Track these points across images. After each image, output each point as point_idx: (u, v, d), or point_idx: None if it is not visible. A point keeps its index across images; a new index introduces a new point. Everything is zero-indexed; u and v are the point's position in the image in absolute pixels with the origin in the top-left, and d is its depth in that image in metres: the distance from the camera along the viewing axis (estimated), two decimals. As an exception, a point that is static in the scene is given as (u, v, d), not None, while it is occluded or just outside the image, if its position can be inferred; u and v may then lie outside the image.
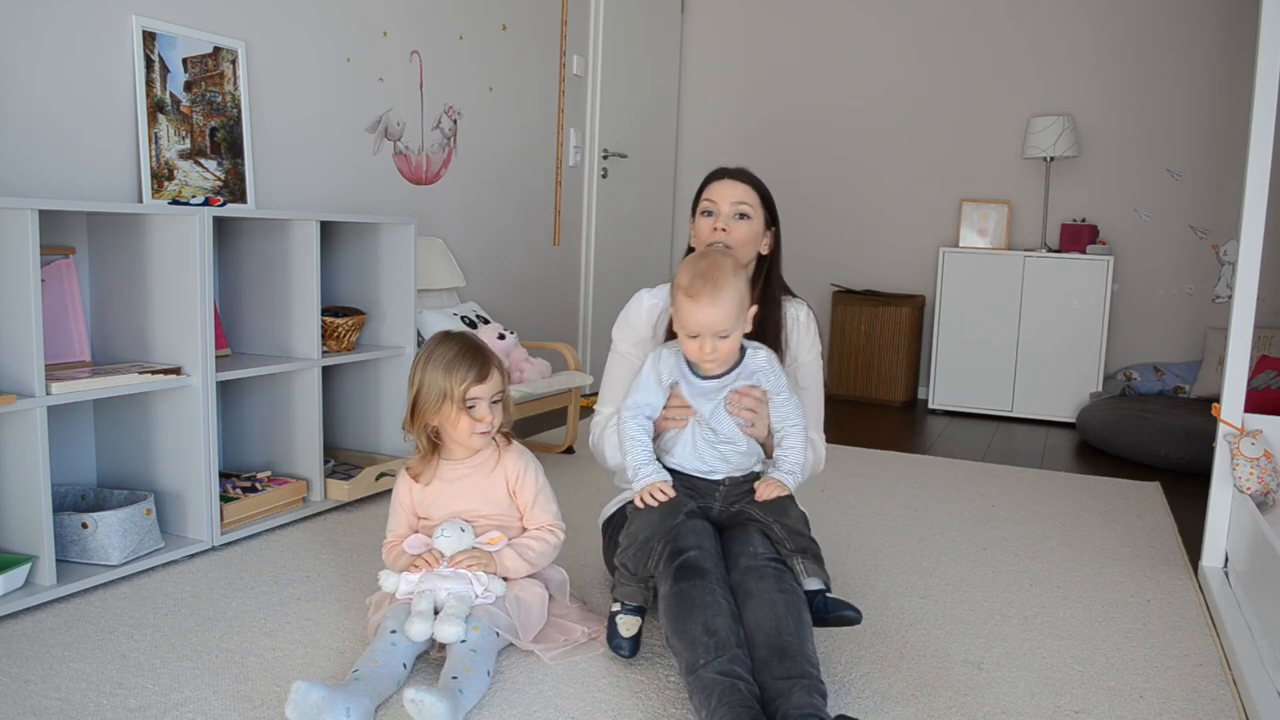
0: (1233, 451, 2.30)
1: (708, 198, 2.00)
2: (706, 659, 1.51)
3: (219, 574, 2.16)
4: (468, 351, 1.82)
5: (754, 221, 1.97)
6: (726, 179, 2.02)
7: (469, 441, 1.86)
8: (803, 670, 1.50)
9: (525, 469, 1.91)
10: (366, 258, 2.95)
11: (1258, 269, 2.25)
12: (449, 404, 1.80)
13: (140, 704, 1.56)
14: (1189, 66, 4.55)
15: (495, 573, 1.82)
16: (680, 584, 1.64)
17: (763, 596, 1.61)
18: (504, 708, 1.59)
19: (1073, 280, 4.48)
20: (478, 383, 1.80)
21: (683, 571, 1.65)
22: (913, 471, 3.40)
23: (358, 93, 3.25)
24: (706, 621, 1.56)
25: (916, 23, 5.00)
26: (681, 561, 1.67)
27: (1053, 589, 2.27)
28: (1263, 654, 1.82)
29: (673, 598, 1.63)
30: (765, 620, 1.57)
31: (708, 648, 1.52)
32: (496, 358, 1.88)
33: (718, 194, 1.99)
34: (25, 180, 2.25)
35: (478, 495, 1.89)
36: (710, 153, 5.47)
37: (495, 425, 1.87)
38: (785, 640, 1.54)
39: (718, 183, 2.02)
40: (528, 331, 4.21)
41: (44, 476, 1.94)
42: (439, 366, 1.81)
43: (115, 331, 2.35)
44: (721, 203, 1.98)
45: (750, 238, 1.97)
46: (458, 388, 1.79)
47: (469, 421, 1.82)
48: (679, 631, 1.58)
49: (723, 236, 1.95)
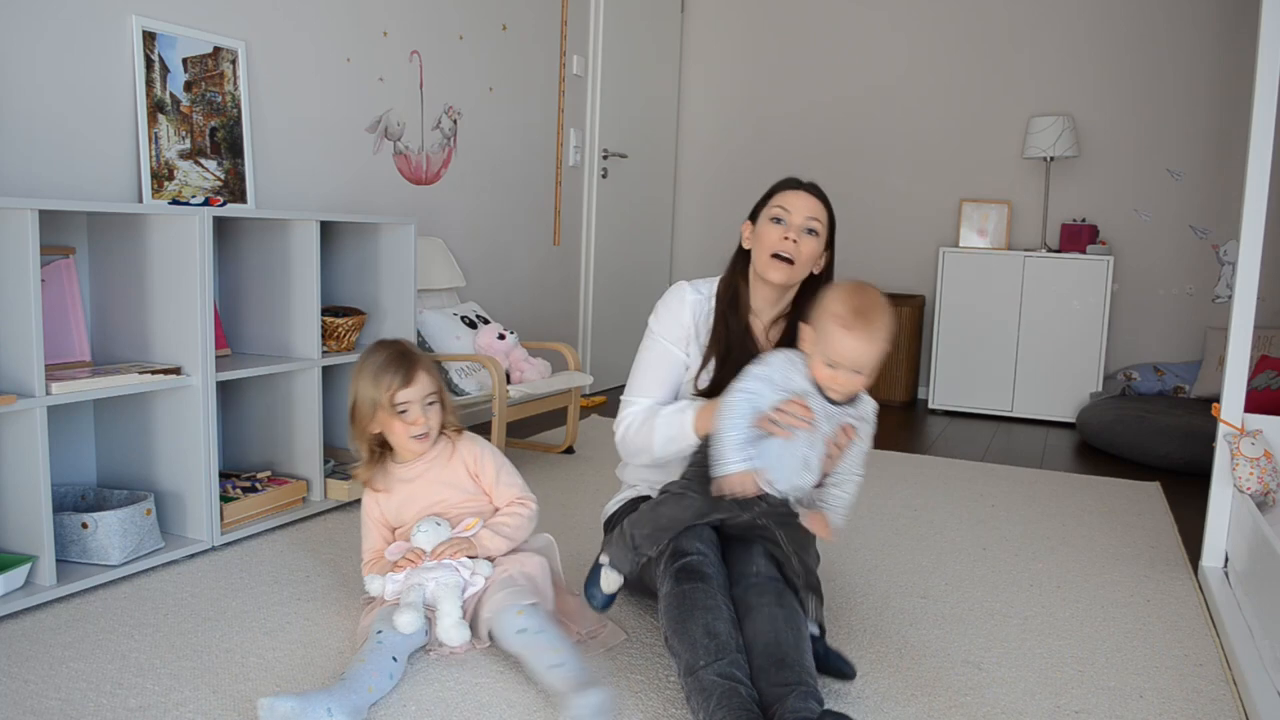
0: (1233, 451, 2.30)
1: (780, 204, 1.92)
2: (706, 661, 1.51)
3: (219, 574, 2.16)
4: (394, 358, 1.85)
5: (820, 239, 1.93)
6: (802, 190, 1.94)
7: (409, 445, 1.89)
8: (800, 679, 1.50)
9: (481, 451, 1.95)
10: (366, 258, 2.95)
11: (1258, 269, 2.25)
12: (382, 411, 1.85)
13: (140, 704, 1.56)
14: (1189, 66, 4.55)
15: (478, 556, 1.84)
16: (682, 585, 1.63)
17: (763, 610, 1.61)
18: (504, 708, 1.59)
19: (1073, 280, 4.48)
20: (404, 387, 1.84)
21: (685, 574, 1.65)
22: (913, 471, 3.40)
23: (358, 93, 3.25)
24: (708, 624, 1.56)
25: (916, 23, 5.00)
26: (683, 564, 1.67)
27: (1053, 589, 2.27)
28: (1263, 654, 1.82)
29: (674, 598, 1.63)
30: (764, 632, 1.57)
31: (708, 650, 1.52)
32: (426, 360, 1.89)
33: (792, 203, 1.92)
34: (25, 180, 2.25)
35: (443, 486, 1.92)
36: (710, 153, 5.47)
37: (433, 426, 1.89)
38: (784, 651, 1.54)
39: (792, 192, 1.94)
40: (528, 331, 4.21)
41: (44, 476, 1.94)
42: (368, 376, 1.85)
43: (115, 331, 2.35)
44: (795, 213, 1.90)
45: (813, 255, 1.92)
46: (384, 394, 1.83)
47: (403, 425, 1.86)
48: (679, 632, 1.58)
49: (790, 248, 1.89)
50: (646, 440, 1.90)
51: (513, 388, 3.04)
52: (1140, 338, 4.72)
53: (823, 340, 1.65)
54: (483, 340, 3.22)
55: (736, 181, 5.41)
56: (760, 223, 1.94)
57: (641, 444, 1.92)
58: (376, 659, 1.63)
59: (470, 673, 1.71)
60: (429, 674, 1.70)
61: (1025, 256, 4.56)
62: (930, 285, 5.03)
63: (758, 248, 1.93)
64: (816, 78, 5.21)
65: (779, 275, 1.89)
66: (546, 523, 2.58)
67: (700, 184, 5.53)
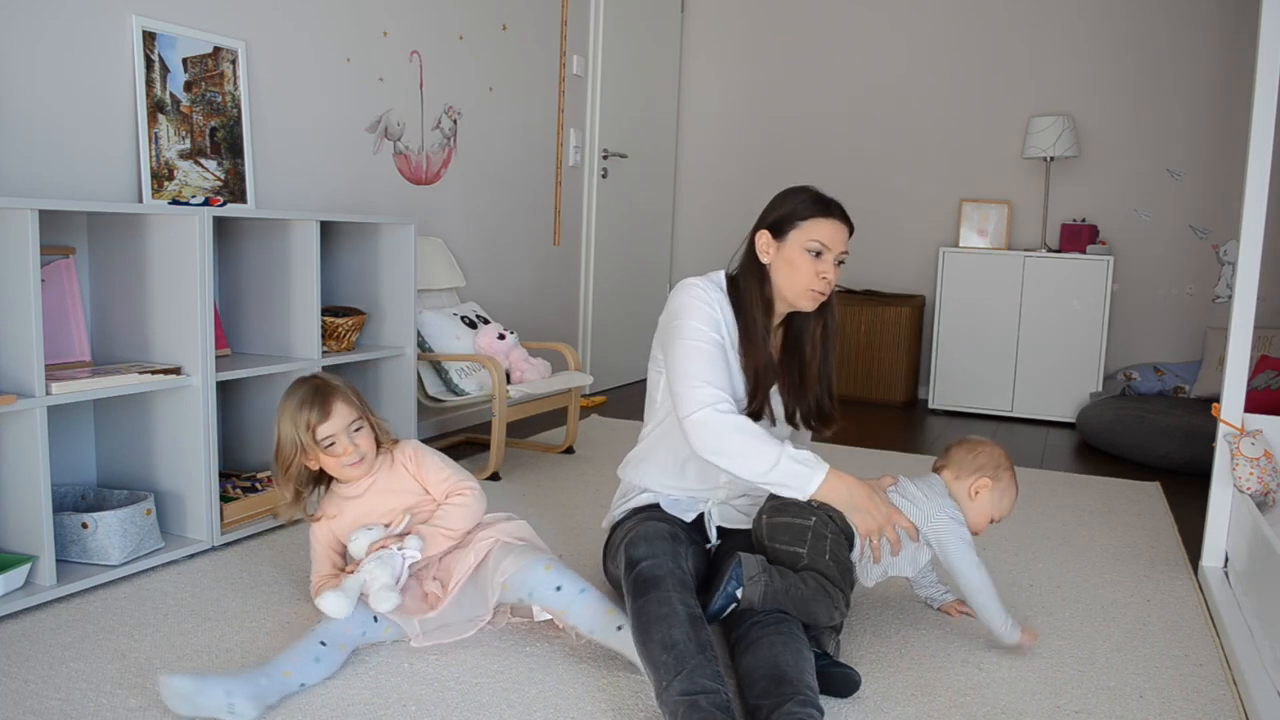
0: (1233, 451, 2.30)
1: (819, 238, 1.86)
2: (667, 679, 1.50)
3: (219, 574, 2.16)
4: (308, 396, 1.84)
5: (844, 266, 1.95)
6: (837, 220, 1.89)
7: (348, 474, 1.88)
8: (798, 690, 1.50)
9: (416, 450, 1.96)
10: (366, 258, 2.95)
11: (1258, 269, 2.25)
12: (308, 449, 1.83)
13: (140, 704, 1.56)
14: (1189, 66, 4.55)
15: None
16: (637, 600, 1.64)
17: (761, 642, 1.61)
18: (504, 708, 1.59)
19: (1073, 280, 4.48)
20: (322, 421, 1.82)
21: (638, 586, 1.66)
22: (913, 471, 3.38)
23: (358, 93, 3.25)
24: (663, 637, 1.56)
25: (916, 23, 5.00)
26: (636, 574, 1.67)
27: (1053, 589, 2.27)
28: (1263, 654, 1.82)
29: (633, 616, 1.63)
30: (764, 660, 1.57)
31: (667, 667, 1.52)
32: (342, 390, 1.87)
33: (830, 237, 1.87)
34: (25, 180, 2.25)
35: (389, 494, 1.91)
36: (710, 153, 5.47)
37: (367, 450, 1.88)
38: (783, 670, 1.54)
39: (829, 222, 1.88)
40: (528, 331, 4.21)
41: (44, 476, 1.94)
42: (287, 417, 1.84)
43: (115, 331, 2.35)
44: (834, 247, 1.87)
45: (837, 280, 1.94)
46: (305, 434, 1.82)
47: (334, 460, 1.85)
48: (642, 654, 1.58)
49: (826, 285, 1.88)
50: (740, 451, 1.75)
51: (513, 388, 3.04)
52: (1140, 338, 4.72)
53: (998, 499, 1.94)
54: (483, 340, 3.22)
55: (737, 181, 5.41)
56: (792, 249, 1.87)
57: (733, 450, 1.76)
58: (301, 644, 1.65)
59: (470, 672, 1.71)
60: (429, 674, 1.70)
61: (1025, 256, 4.56)
62: (930, 285, 5.03)
63: (791, 276, 1.88)
64: (817, 78, 5.21)
65: (814, 305, 1.92)
66: (546, 522, 2.58)
67: (700, 184, 5.53)
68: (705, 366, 1.81)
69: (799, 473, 1.74)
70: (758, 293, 1.91)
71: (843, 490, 1.77)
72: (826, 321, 1.99)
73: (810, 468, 1.75)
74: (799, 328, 2.00)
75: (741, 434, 1.75)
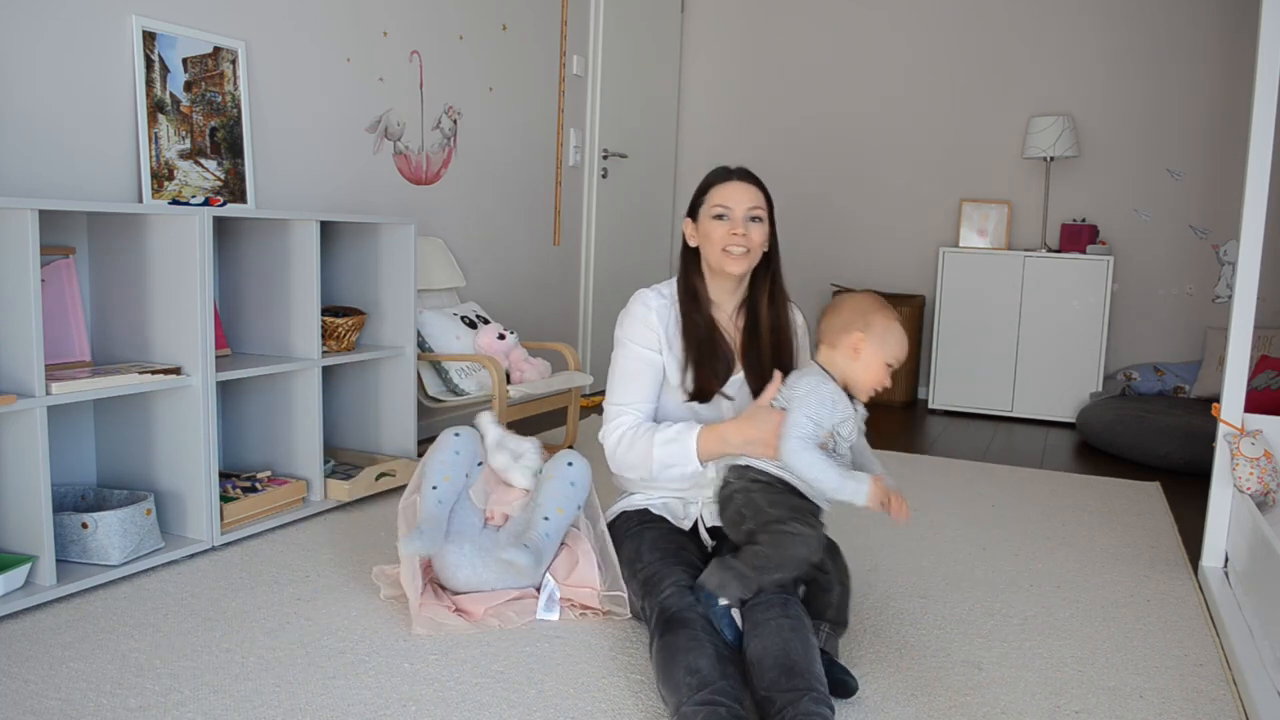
0: (1233, 451, 2.30)
1: (720, 202, 1.94)
2: (689, 696, 1.50)
3: (219, 574, 2.16)
4: None
5: (765, 224, 1.96)
6: (735, 180, 1.96)
7: None
8: (810, 685, 1.50)
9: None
10: (366, 258, 2.95)
11: (1258, 269, 2.25)
12: None
13: (140, 704, 1.56)
14: (1189, 66, 4.55)
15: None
16: (665, 637, 1.63)
17: (769, 624, 1.61)
18: (504, 708, 1.59)
19: (1073, 280, 4.48)
20: None
21: (668, 625, 1.65)
22: (913, 471, 3.40)
23: (358, 93, 3.25)
24: (689, 663, 1.55)
25: (916, 22, 5.00)
26: (668, 618, 1.67)
27: (1053, 589, 2.27)
28: (1263, 654, 1.82)
29: (659, 650, 1.63)
30: (773, 645, 1.57)
31: (690, 686, 1.51)
32: None
33: (730, 198, 1.94)
34: (25, 180, 2.25)
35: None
36: (710, 153, 5.46)
37: None
38: (793, 660, 1.54)
39: (726, 185, 1.96)
40: (528, 331, 4.21)
41: (44, 476, 1.94)
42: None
43: (115, 331, 2.35)
44: (736, 207, 1.93)
45: (764, 240, 1.96)
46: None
47: None
48: (665, 680, 1.57)
49: (741, 241, 1.92)
50: (642, 459, 1.89)
51: (513, 388, 3.04)
52: (1140, 338, 4.72)
53: (880, 345, 1.79)
54: (483, 340, 3.22)
55: (736, 181, 5.40)
56: (703, 221, 1.97)
57: (635, 461, 1.91)
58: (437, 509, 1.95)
59: (470, 672, 1.71)
60: (429, 674, 1.70)
61: (1025, 256, 4.56)
62: (930, 285, 5.03)
63: (707, 245, 1.96)
64: (816, 78, 5.21)
65: (738, 266, 1.94)
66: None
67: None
68: (623, 388, 1.96)
69: (676, 450, 1.85)
70: (690, 276, 2.01)
71: (718, 440, 1.83)
72: (773, 285, 2.02)
73: (682, 438, 1.85)
74: (754, 300, 2.03)
75: (634, 444, 1.90)
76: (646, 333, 1.97)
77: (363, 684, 1.66)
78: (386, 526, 2.53)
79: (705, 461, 1.86)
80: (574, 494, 1.99)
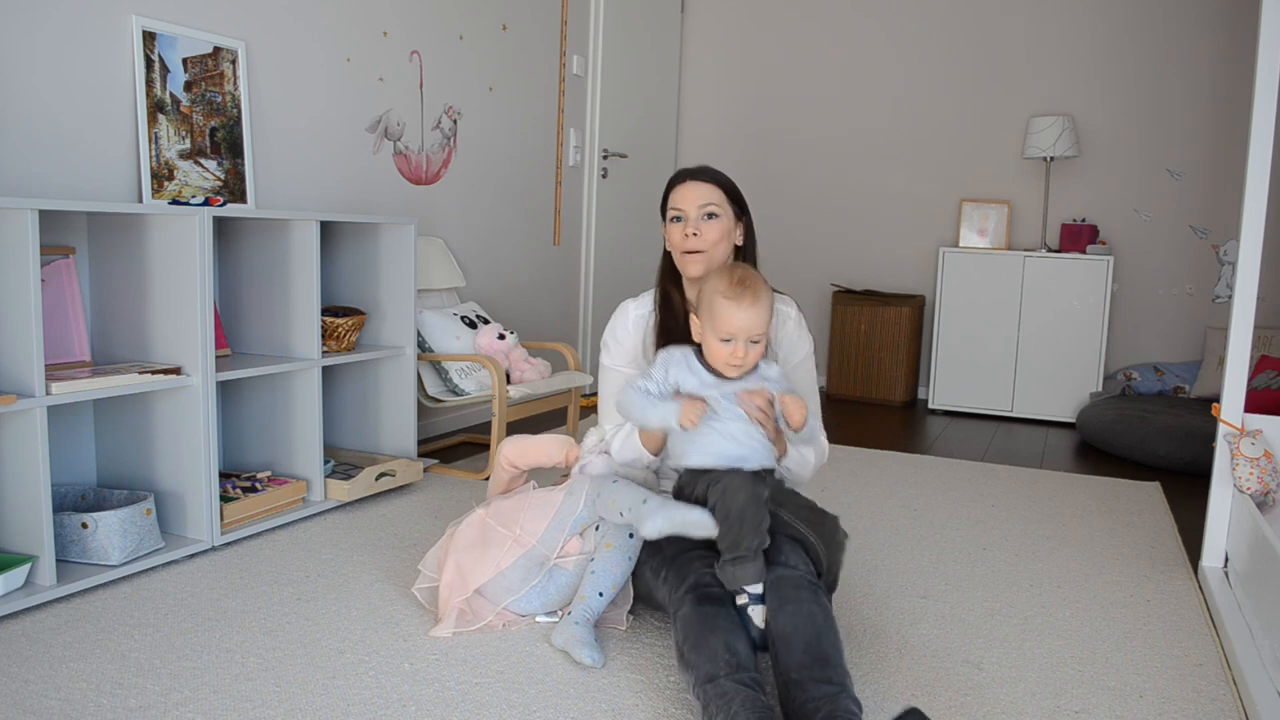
0: (1233, 451, 2.30)
1: (674, 205, 2.00)
2: (727, 671, 1.50)
3: (219, 574, 2.16)
4: None
5: (723, 219, 1.98)
6: (688, 181, 2.01)
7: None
8: (843, 682, 1.50)
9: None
10: (366, 258, 2.96)
11: (1258, 269, 2.25)
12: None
13: (140, 704, 1.56)
14: (1189, 66, 4.55)
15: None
16: (703, 606, 1.63)
17: (801, 605, 1.59)
18: (504, 708, 1.59)
19: (1073, 280, 4.48)
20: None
21: (705, 598, 1.64)
22: (913, 471, 3.40)
23: (358, 93, 3.25)
24: (728, 641, 1.55)
25: (917, 23, 5.00)
26: (703, 592, 1.66)
27: (1053, 589, 2.27)
28: (1263, 654, 1.82)
29: (693, 617, 1.61)
30: (805, 628, 1.56)
31: (729, 663, 1.51)
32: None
33: (682, 199, 1.99)
34: (25, 180, 2.25)
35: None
36: (710, 153, 5.46)
37: None
38: (826, 650, 1.53)
39: (680, 187, 2.01)
40: (528, 331, 4.21)
41: (44, 476, 1.94)
42: None
43: (115, 331, 2.35)
44: (688, 207, 1.98)
45: (722, 235, 1.98)
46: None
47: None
48: (698, 646, 1.56)
49: (695, 242, 1.96)
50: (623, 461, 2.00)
51: (513, 388, 3.04)
52: (1140, 338, 4.72)
53: (713, 320, 1.76)
54: (483, 340, 3.22)
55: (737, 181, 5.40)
56: (666, 224, 2.04)
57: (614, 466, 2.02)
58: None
59: (470, 672, 1.71)
60: (429, 674, 1.70)
61: (1025, 256, 4.56)
62: (930, 285, 5.04)
63: (671, 249, 2.03)
64: (816, 77, 5.21)
65: (697, 267, 1.97)
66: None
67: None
68: (608, 405, 2.04)
69: (630, 446, 1.94)
70: (665, 280, 2.06)
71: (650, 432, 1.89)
72: None
73: (632, 437, 1.93)
74: None
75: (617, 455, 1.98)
76: (621, 354, 2.08)
77: (363, 684, 1.66)
78: (387, 526, 2.53)
79: (654, 451, 1.92)
80: (629, 567, 1.90)
